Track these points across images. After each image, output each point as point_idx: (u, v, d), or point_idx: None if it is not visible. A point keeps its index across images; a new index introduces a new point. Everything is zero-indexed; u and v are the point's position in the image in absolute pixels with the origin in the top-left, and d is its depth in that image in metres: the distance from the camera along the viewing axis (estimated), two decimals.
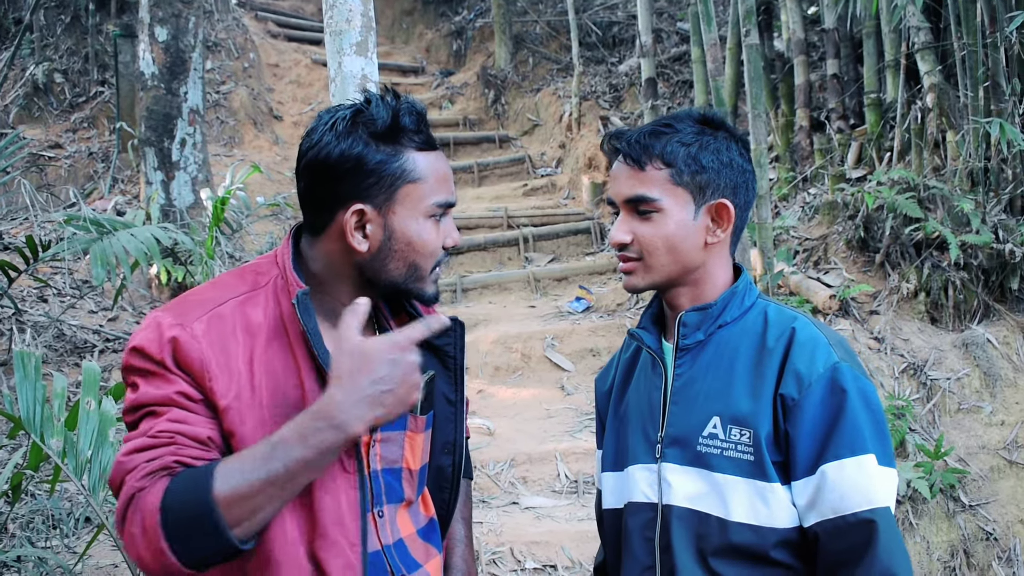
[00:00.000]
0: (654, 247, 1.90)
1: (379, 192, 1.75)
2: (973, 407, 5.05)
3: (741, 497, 1.81)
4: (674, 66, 10.38)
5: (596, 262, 8.62)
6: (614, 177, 1.95)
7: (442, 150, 1.84)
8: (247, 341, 1.71)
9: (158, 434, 1.62)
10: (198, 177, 7.33)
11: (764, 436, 1.80)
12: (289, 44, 12.77)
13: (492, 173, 10.56)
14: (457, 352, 1.99)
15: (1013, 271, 5.52)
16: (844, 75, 7.80)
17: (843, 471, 1.75)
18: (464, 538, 2.18)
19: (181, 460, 1.60)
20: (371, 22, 4.29)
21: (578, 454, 5.46)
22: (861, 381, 1.81)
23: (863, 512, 1.74)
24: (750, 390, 1.84)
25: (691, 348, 1.93)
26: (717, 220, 1.91)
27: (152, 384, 1.66)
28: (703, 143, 1.90)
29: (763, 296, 2.00)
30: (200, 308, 1.73)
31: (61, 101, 10.30)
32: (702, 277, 1.94)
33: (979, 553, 4.59)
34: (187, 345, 1.66)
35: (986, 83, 5.81)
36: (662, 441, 1.91)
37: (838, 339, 1.90)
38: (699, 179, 1.89)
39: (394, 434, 1.87)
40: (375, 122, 1.75)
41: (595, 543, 4.67)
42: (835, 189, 6.64)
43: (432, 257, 1.81)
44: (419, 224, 1.77)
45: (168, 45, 7.22)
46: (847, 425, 1.76)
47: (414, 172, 1.76)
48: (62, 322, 6.00)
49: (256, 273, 1.82)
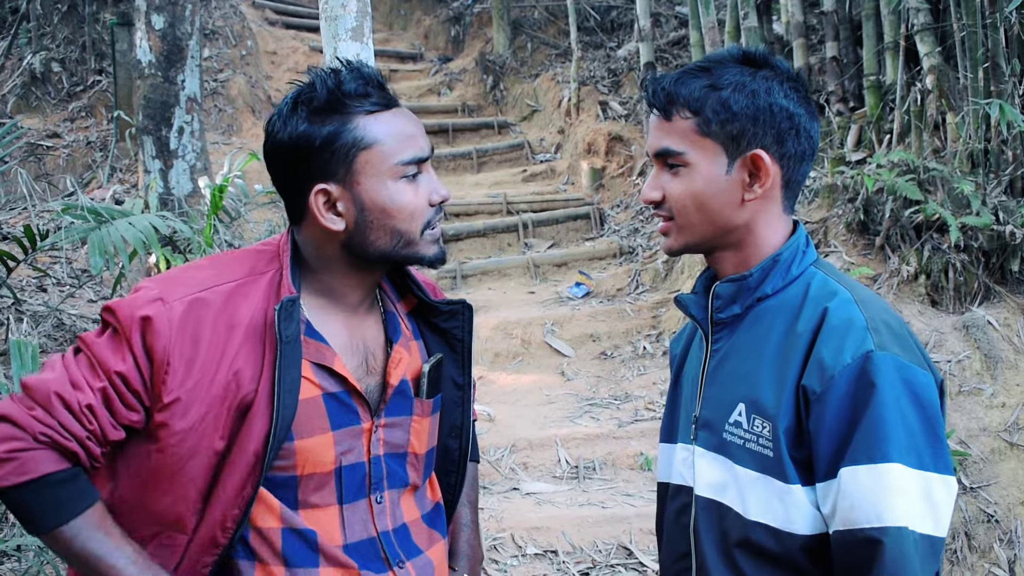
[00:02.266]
0: (682, 205, 1.71)
1: (337, 167, 1.71)
2: (974, 389, 5.05)
3: (759, 495, 1.64)
4: (673, 50, 10.33)
5: (596, 247, 8.62)
6: (650, 128, 1.77)
7: (428, 128, 1.82)
8: (224, 335, 1.68)
9: (84, 409, 1.63)
10: (196, 165, 7.31)
11: (784, 431, 1.61)
12: (287, 31, 12.73)
13: (491, 159, 10.53)
14: (465, 335, 1.96)
15: (1014, 253, 5.50)
16: (843, 58, 7.77)
17: (856, 479, 1.54)
18: (471, 522, 2.15)
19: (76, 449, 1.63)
20: (366, 7, 4.27)
21: (578, 439, 5.47)
22: (908, 372, 1.57)
23: (870, 529, 1.52)
24: (775, 378, 1.65)
25: (727, 322, 1.76)
26: (755, 174, 1.69)
27: (111, 345, 1.66)
28: (737, 85, 1.67)
29: (819, 263, 1.76)
30: (188, 287, 1.70)
31: (59, 90, 10.28)
32: (746, 239, 1.73)
33: (980, 535, 4.59)
34: (158, 327, 1.64)
35: (986, 64, 5.78)
36: (696, 422, 1.78)
37: (885, 321, 1.64)
38: (731, 128, 1.67)
39: (400, 419, 1.85)
40: (314, 98, 1.71)
41: (595, 528, 4.70)
42: (835, 172, 6.62)
43: (415, 218, 1.75)
44: (388, 188, 1.72)
45: (165, 33, 7.18)
46: (869, 426, 1.54)
47: (366, 138, 1.71)
48: (61, 311, 5.98)
49: (256, 261, 1.79)
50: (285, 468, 1.72)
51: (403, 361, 1.86)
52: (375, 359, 1.84)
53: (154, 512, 1.68)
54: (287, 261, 1.76)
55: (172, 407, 1.64)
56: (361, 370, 1.81)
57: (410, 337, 1.92)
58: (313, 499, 1.76)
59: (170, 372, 1.63)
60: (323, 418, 1.75)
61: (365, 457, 1.80)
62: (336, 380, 1.77)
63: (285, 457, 1.71)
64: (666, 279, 7.52)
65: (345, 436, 1.77)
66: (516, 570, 4.36)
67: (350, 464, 1.78)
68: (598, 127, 9.76)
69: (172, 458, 1.65)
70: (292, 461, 1.72)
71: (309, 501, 1.75)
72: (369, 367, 1.83)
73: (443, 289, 8.05)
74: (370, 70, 1.76)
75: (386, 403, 1.82)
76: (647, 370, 6.45)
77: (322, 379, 1.75)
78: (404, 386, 1.86)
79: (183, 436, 1.64)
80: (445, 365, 1.94)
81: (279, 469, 1.72)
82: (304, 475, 1.74)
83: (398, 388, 1.84)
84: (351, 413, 1.78)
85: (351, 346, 1.81)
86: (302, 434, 1.72)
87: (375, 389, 1.83)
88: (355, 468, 1.79)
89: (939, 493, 1.56)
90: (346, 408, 1.78)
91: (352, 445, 1.78)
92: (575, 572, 4.35)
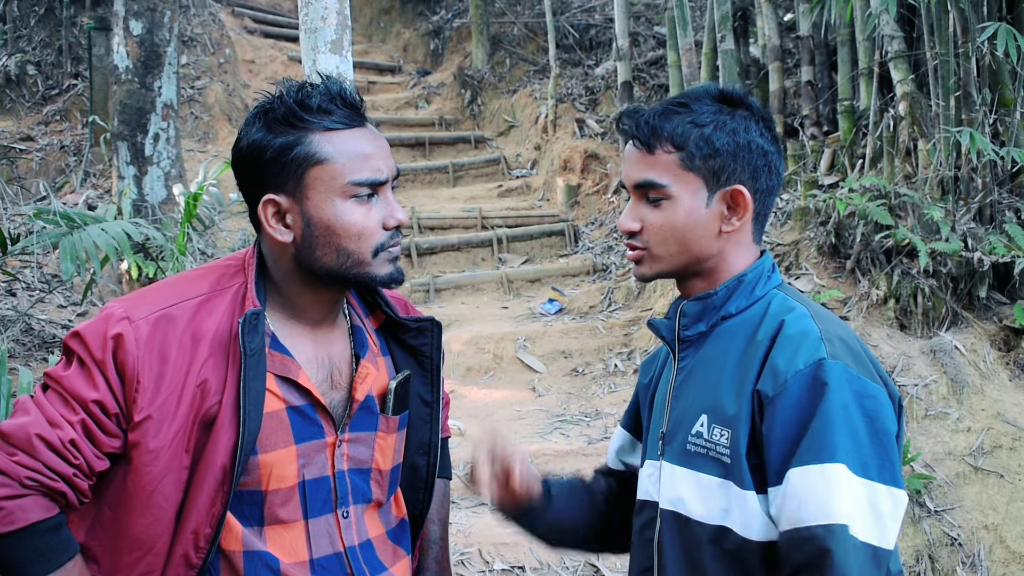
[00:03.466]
0: (663, 237, 1.76)
1: (287, 179, 1.70)
2: (940, 413, 5.10)
3: (721, 500, 1.68)
4: (650, 70, 10.41)
5: (569, 264, 8.64)
6: (625, 159, 1.82)
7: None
8: (190, 349, 1.68)
9: (67, 446, 1.61)
10: (171, 172, 7.29)
11: (742, 438, 1.65)
12: (266, 40, 12.71)
13: (467, 173, 10.55)
14: (434, 352, 1.95)
15: (981, 279, 5.57)
16: (818, 82, 7.85)
17: (806, 478, 1.57)
18: (439, 539, 2.12)
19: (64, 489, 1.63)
20: (346, 20, 4.28)
21: (548, 456, 5.46)
22: (859, 384, 1.62)
23: (816, 526, 1.54)
24: (735, 387, 1.70)
25: (693, 340, 1.81)
26: (733, 208, 1.76)
27: (81, 375, 1.64)
28: (718, 123, 1.75)
29: (783, 287, 1.82)
30: (153, 304, 1.70)
31: (34, 93, 10.22)
32: (718, 266, 1.80)
33: (944, 558, 4.63)
34: (128, 346, 1.64)
35: (957, 92, 5.86)
36: (663, 437, 1.81)
37: (840, 336, 1.69)
38: (712, 163, 1.74)
39: (364, 435, 1.84)
40: (272, 109, 1.71)
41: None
42: (807, 195, 6.68)
43: (363, 239, 1.72)
44: (336, 207, 1.70)
45: (143, 39, 7.17)
46: (818, 428, 1.58)
47: (320, 154, 1.70)
48: (30, 316, 5.94)
49: (221, 275, 1.78)
50: (250, 483, 1.71)
51: (369, 376, 1.84)
52: (340, 374, 1.83)
53: (132, 536, 1.67)
54: (252, 274, 1.76)
55: (144, 425, 1.63)
56: (326, 384, 1.80)
57: (377, 353, 1.91)
58: (280, 514, 1.75)
59: (140, 390, 1.63)
60: (287, 431, 1.74)
61: (329, 471, 1.79)
62: (300, 393, 1.76)
63: (250, 472, 1.70)
64: (639, 297, 7.55)
65: (308, 450, 1.76)
66: None
67: (314, 478, 1.77)
68: (574, 144, 9.80)
69: (147, 477, 1.64)
70: (256, 475, 1.71)
71: (276, 516, 1.74)
72: (334, 381, 1.82)
73: (416, 303, 8.00)
74: (340, 87, 1.75)
75: (351, 418, 1.82)
76: (618, 387, 6.46)
77: (286, 392, 1.74)
78: (370, 402, 1.85)
79: (156, 454, 1.64)
80: (413, 382, 1.93)
81: (245, 484, 1.71)
82: (269, 490, 1.73)
83: (364, 404, 1.83)
84: (315, 427, 1.77)
85: (316, 360, 1.80)
86: (266, 448, 1.71)
87: (340, 404, 1.82)
88: (319, 483, 1.78)
89: (884, 504, 1.58)
90: (310, 422, 1.77)
91: (315, 459, 1.77)
92: None
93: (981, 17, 5.81)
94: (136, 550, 1.66)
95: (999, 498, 4.78)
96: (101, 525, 1.69)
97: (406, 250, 8.86)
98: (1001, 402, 5.15)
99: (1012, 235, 5.56)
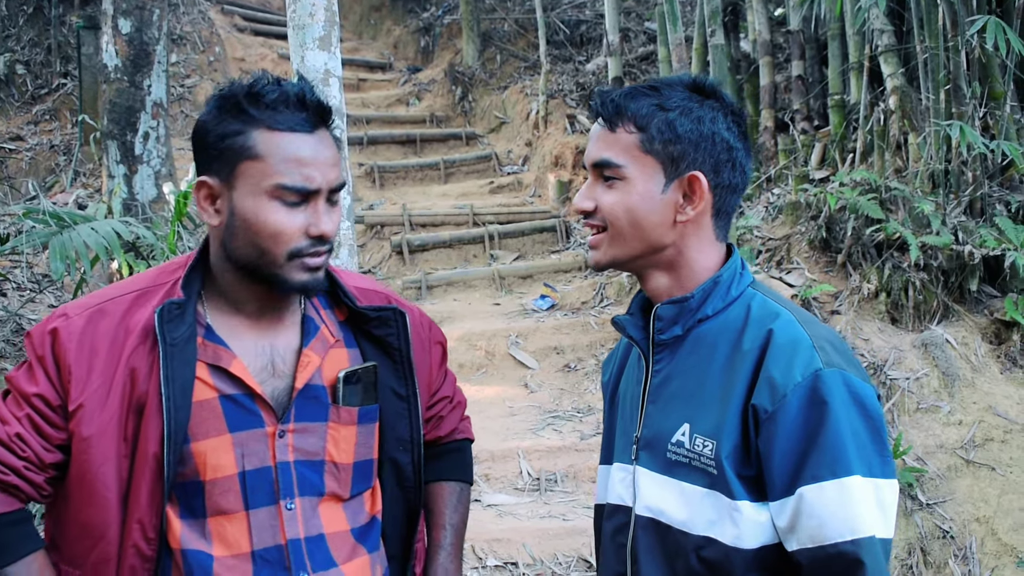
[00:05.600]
0: (615, 217, 1.71)
1: (222, 166, 1.73)
2: (931, 407, 5.11)
3: (706, 510, 1.65)
4: (641, 65, 10.41)
5: (561, 260, 8.64)
6: (590, 137, 1.78)
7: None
8: (122, 340, 1.73)
9: (13, 439, 1.70)
10: (161, 171, 7.27)
11: (728, 450, 1.63)
12: (256, 38, 12.69)
13: (458, 170, 10.54)
14: (402, 344, 1.91)
15: (972, 272, 5.58)
16: (809, 76, 7.85)
17: (823, 495, 1.56)
18: (449, 545, 2.06)
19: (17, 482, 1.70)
20: (334, 16, 4.27)
21: (541, 452, 5.47)
22: (853, 387, 1.61)
23: (844, 544, 1.54)
24: (719, 396, 1.66)
25: (668, 344, 1.76)
26: (689, 196, 1.71)
27: (26, 373, 1.74)
28: (684, 109, 1.70)
29: (755, 285, 1.79)
30: (92, 301, 1.78)
31: (23, 93, 10.18)
32: (677, 260, 1.74)
33: (936, 551, 4.64)
34: (63, 339, 1.72)
35: (947, 86, 5.87)
36: (638, 442, 1.78)
37: (827, 338, 1.68)
38: (672, 149, 1.69)
39: (313, 425, 1.82)
40: (227, 96, 1.74)
41: (556, 540, 4.70)
42: (798, 190, 6.69)
43: (279, 242, 1.71)
44: (257, 203, 1.71)
45: (131, 37, 7.14)
46: (827, 442, 1.56)
47: (255, 149, 1.70)
48: (21, 316, 5.92)
49: (161, 271, 1.84)
50: (187, 473, 1.73)
51: (311, 364, 1.82)
52: (284, 363, 1.82)
53: (81, 523, 1.72)
54: (189, 265, 1.81)
55: (77, 414, 1.69)
56: (265, 373, 1.80)
57: (333, 344, 1.88)
58: (221, 504, 1.75)
59: (72, 380, 1.70)
60: (219, 419, 1.75)
61: (271, 462, 1.77)
62: (233, 382, 1.77)
63: (185, 462, 1.73)
64: (630, 292, 7.54)
65: (246, 439, 1.76)
66: None
67: (254, 468, 1.76)
68: (566, 140, 9.80)
69: (85, 466, 1.69)
70: (192, 465, 1.73)
71: (218, 506, 1.75)
72: (276, 370, 1.81)
73: (408, 299, 8.02)
74: (302, 90, 1.74)
75: (292, 407, 1.80)
76: None
77: (218, 381, 1.76)
78: (317, 391, 1.83)
79: (90, 442, 1.69)
80: (382, 374, 1.90)
81: (184, 476, 1.73)
82: (208, 480, 1.74)
83: (308, 393, 1.81)
84: (251, 416, 1.77)
85: (256, 349, 1.80)
86: (198, 436, 1.73)
87: (282, 393, 1.81)
88: (260, 473, 1.77)
89: (888, 497, 1.60)
90: (245, 411, 1.77)
91: (255, 449, 1.76)
92: None
93: (970, 10, 5.82)
94: (87, 538, 1.72)
95: (991, 491, 4.79)
96: (59, 514, 1.76)
97: (397, 248, 8.85)
98: (992, 395, 5.16)
99: (1002, 228, 5.58)
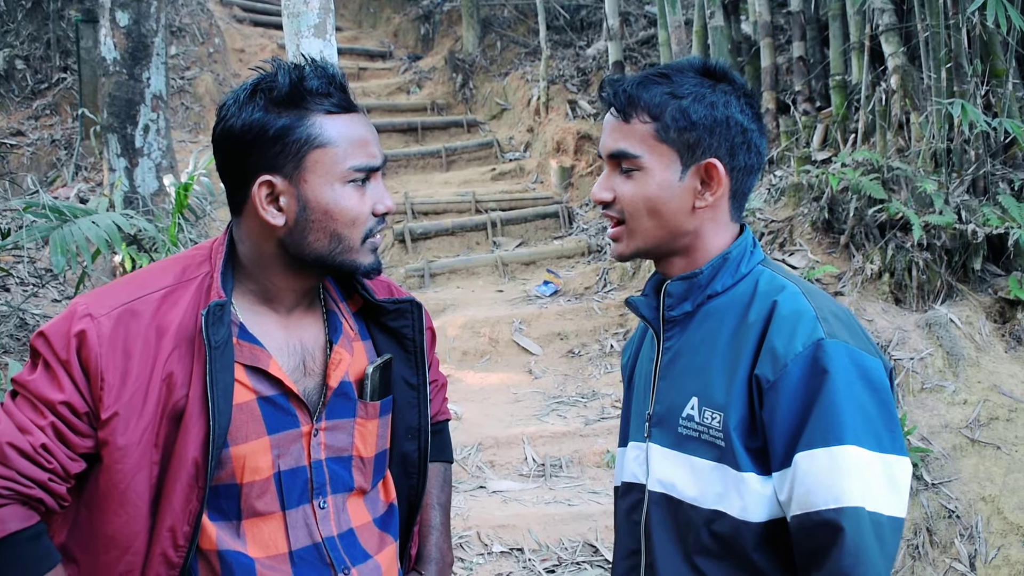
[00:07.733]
0: (635, 208, 1.72)
1: (286, 161, 1.67)
2: (936, 386, 5.09)
3: (715, 483, 1.65)
4: (642, 49, 10.37)
5: (564, 246, 8.63)
6: (603, 128, 1.78)
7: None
8: (155, 343, 1.65)
9: (39, 451, 1.60)
10: (162, 163, 7.27)
11: (735, 421, 1.63)
12: (255, 29, 12.67)
13: (460, 157, 10.52)
14: (416, 335, 1.91)
15: (975, 251, 5.55)
16: (810, 57, 7.82)
17: (814, 463, 1.55)
18: (440, 525, 2.09)
19: (41, 495, 1.61)
20: (329, 3, 4.25)
21: (545, 438, 5.47)
22: (858, 358, 1.60)
23: (827, 511, 1.54)
24: (726, 369, 1.67)
25: (679, 320, 1.77)
26: (707, 182, 1.72)
27: (46, 378, 1.63)
28: (697, 96, 1.71)
29: (766, 262, 1.79)
30: (116, 300, 1.68)
31: (23, 88, 10.17)
32: (695, 244, 1.76)
33: (942, 531, 4.63)
34: (91, 343, 1.62)
35: (949, 64, 5.84)
36: (650, 419, 1.79)
37: (833, 311, 1.67)
38: (688, 136, 1.70)
39: (342, 422, 1.81)
40: (275, 88, 1.68)
41: (561, 526, 4.70)
42: (800, 171, 6.66)
43: (356, 225, 1.71)
44: (335, 191, 1.68)
45: (130, 30, 7.13)
46: (824, 411, 1.56)
47: (322, 136, 1.68)
48: (24, 311, 5.93)
49: (186, 266, 1.75)
50: (224, 477, 1.69)
51: (343, 362, 1.81)
52: (314, 361, 1.80)
53: (108, 535, 1.64)
54: (219, 263, 1.73)
55: (111, 423, 1.61)
56: (299, 372, 1.77)
57: (354, 338, 1.87)
58: (258, 506, 1.72)
59: (105, 387, 1.61)
60: (258, 422, 1.71)
61: (306, 461, 1.76)
62: (271, 383, 1.73)
63: (223, 465, 1.68)
64: (633, 277, 7.54)
65: (282, 440, 1.73)
66: (482, 568, 4.36)
67: (289, 469, 1.74)
68: (567, 126, 9.77)
69: (118, 475, 1.62)
70: (230, 468, 1.69)
71: (254, 508, 1.72)
72: (308, 369, 1.79)
73: (411, 288, 8.00)
74: (334, 70, 1.73)
75: (325, 405, 1.79)
76: (614, 368, 6.46)
77: (256, 383, 1.72)
78: (346, 388, 1.82)
79: (125, 451, 1.62)
80: (396, 365, 1.90)
81: (219, 479, 1.68)
82: (244, 483, 1.70)
83: (339, 390, 1.80)
84: (288, 416, 1.74)
85: (288, 348, 1.77)
86: (237, 440, 1.69)
87: (314, 391, 1.79)
88: (295, 473, 1.75)
89: (900, 474, 1.58)
90: (283, 412, 1.74)
91: (290, 449, 1.74)
92: (541, 570, 4.35)
93: None
94: (113, 549, 1.64)
95: (996, 470, 4.78)
96: (79, 526, 1.68)
97: (400, 236, 8.85)
98: (997, 374, 5.15)
99: (1006, 206, 5.55)
